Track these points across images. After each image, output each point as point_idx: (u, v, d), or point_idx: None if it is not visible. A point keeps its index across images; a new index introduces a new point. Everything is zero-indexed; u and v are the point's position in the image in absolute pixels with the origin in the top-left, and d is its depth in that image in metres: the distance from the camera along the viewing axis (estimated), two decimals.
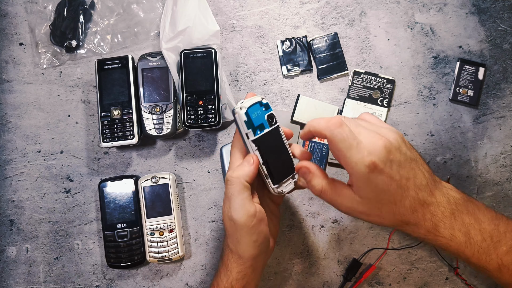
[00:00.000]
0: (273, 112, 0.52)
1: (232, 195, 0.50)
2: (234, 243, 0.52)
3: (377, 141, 0.45)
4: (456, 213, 0.47)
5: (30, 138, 0.70)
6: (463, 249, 0.47)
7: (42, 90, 0.70)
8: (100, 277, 0.68)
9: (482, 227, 0.47)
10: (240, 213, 0.50)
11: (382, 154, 0.44)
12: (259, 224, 0.51)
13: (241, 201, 0.50)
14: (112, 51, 0.70)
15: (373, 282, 0.67)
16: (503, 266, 0.46)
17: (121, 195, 0.66)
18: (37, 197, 0.69)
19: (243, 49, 0.70)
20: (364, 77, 0.68)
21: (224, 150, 0.67)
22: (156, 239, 0.65)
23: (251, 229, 0.50)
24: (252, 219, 0.50)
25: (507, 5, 0.68)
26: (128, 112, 0.65)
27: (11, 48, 0.70)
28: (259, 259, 0.54)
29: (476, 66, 0.67)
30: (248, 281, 0.53)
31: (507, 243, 0.46)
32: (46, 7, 0.70)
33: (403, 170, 0.45)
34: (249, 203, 0.50)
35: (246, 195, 0.50)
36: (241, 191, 0.50)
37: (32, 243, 0.69)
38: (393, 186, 0.45)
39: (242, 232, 0.50)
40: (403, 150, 0.46)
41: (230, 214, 0.50)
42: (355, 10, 0.69)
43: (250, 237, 0.51)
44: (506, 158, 0.67)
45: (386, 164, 0.44)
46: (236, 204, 0.50)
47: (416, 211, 0.46)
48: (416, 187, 0.46)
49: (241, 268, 0.53)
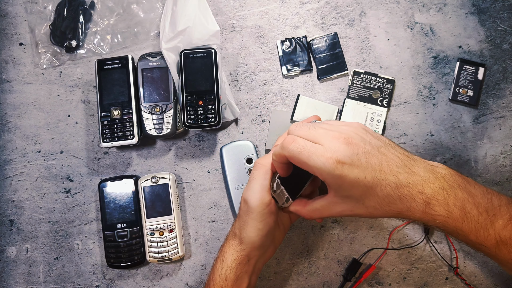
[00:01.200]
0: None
1: (254, 178, 0.53)
2: (241, 225, 0.54)
3: (337, 139, 0.45)
4: (447, 188, 0.45)
5: (30, 138, 0.70)
6: (461, 225, 0.45)
7: (42, 90, 0.70)
8: (100, 277, 0.68)
9: (476, 201, 0.45)
10: (255, 197, 0.52)
11: (345, 149, 0.44)
12: (269, 215, 0.53)
13: (260, 186, 0.53)
14: (112, 51, 0.70)
15: (373, 282, 0.67)
16: (501, 242, 0.45)
17: (121, 195, 0.66)
18: (37, 197, 0.69)
19: (243, 49, 0.70)
20: (364, 77, 0.68)
21: (224, 150, 0.67)
22: (156, 239, 0.65)
23: (260, 215, 0.52)
24: (264, 206, 0.52)
25: (507, 5, 0.68)
26: (128, 112, 0.65)
27: (11, 48, 0.71)
28: (256, 253, 0.55)
29: (476, 66, 0.67)
30: (242, 273, 0.54)
31: (502, 216, 0.45)
32: (46, 7, 0.70)
33: (372, 159, 0.45)
34: (267, 192, 0.53)
35: (266, 183, 0.53)
36: (262, 178, 0.53)
37: (32, 243, 0.69)
38: (367, 179, 0.44)
39: (251, 216, 0.53)
40: (367, 139, 0.46)
41: (246, 196, 0.53)
42: (355, 10, 0.69)
43: (257, 222, 0.53)
44: (506, 158, 0.67)
45: (352, 158, 0.44)
46: (254, 188, 0.53)
47: (403, 195, 0.44)
48: (393, 171, 0.45)
49: (237, 256, 0.54)
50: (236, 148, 0.67)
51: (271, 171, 0.54)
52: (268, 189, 0.53)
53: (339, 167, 0.44)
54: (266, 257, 0.58)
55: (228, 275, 0.54)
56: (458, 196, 0.45)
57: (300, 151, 0.45)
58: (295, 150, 0.46)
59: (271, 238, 0.55)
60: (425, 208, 0.44)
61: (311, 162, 0.45)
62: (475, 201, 0.45)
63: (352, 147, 0.45)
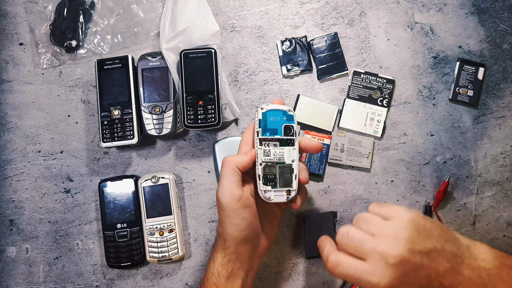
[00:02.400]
0: (295, 126, 0.55)
1: (221, 176, 0.54)
2: (220, 224, 0.55)
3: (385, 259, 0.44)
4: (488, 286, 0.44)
5: (30, 138, 0.70)
6: None
7: (42, 90, 0.70)
8: (100, 277, 0.68)
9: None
10: (225, 194, 0.53)
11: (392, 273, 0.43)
12: (243, 209, 0.53)
13: (228, 183, 0.53)
14: (112, 51, 0.70)
15: None
16: None
17: (121, 195, 0.66)
18: (37, 197, 0.69)
19: (243, 49, 0.70)
20: (364, 77, 0.68)
21: (216, 146, 0.67)
22: (156, 239, 0.65)
23: (234, 211, 0.52)
24: (235, 202, 0.52)
25: (507, 5, 0.68)
26: (128, 112, 0.65)
27: (11, 48, 0.71)
28: (244, 248, 0.55)
29: (476, 66, 0.67)
30: (234, 270, 0.54)
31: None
32: (46, 7, 0.70)
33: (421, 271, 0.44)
34: (236, 187, 0.53)
35: (234, 179, 0.53)
36: (230, 174, 0.53)
37: (32, 243, 0.69)
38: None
39: (225, 213, 0.53)
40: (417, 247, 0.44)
41: (218, 194, 0.54)
42: (355, 10, 0.69)
43: (232, 219, 0.53)
44: (506, 158, 0.67)
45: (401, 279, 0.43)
46: (223, 185, 0.53)
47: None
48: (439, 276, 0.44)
49: (225, 253, 0.54)
50: (228, 144, 0.67)
51: (237, 167, 0.53)
52: (238, 184, 0.53)
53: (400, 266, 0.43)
54: (260, 250, 0.57)
55: (220, 272, 0.54)
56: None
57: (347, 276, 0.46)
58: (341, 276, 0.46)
59: (255, 231, 0.55)
60: None
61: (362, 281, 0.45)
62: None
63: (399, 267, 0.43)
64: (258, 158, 0.54)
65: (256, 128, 0.55)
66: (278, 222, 0.60)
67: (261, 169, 0.54)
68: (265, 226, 0.57)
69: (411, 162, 0.68)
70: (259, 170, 0.54)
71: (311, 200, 0.68)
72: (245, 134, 0.57)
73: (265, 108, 0.55)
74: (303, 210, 0.68)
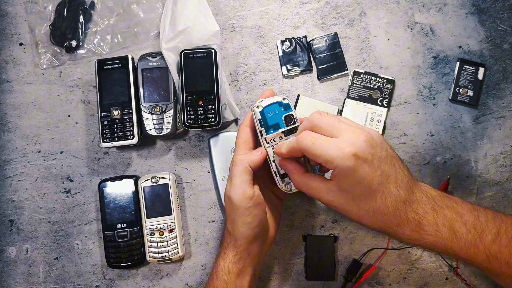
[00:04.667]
0: (294, 113, 0.54)
1: (233, 175, 0.53)
2: (231, 223, 0.54)
3: (359, 134, 0.46)
4: (436, 209, 0.47)
5: (30, 138, 0.70)
6: (450, 245, 0.47)
7: (42, 90, 0.70)
8: (100, 277, 0.68)
9: (464, 219, 0.47)
10: (238, 193, 0.52)
11: (364, 146, 0.45)
12: (255, 207, 0.53)
13: (241, 182, 0.52)
14: (112, 51, 0.70)
15: (373, 282, 0.67)
16: (491, 256, 0.46)
17: (121, 195, 0.66)
18: (37, 197, 0.69)
19: (243, 49, 0.70)
20: (364, 77, 0.68)
21: (211, 141, 0.67)
22: (156, 239, 0.65)
23: (246, 210, 0.52)
24: (248, 201, 0.52)
25: (507, 5, 0.68)
26: (128, 112, 0.65)
27: (11, 48, 0.71)
28: (255, 245, 0.55)
29: (476, 66, 0.67)
30: (245, 266, 0.55)
31: (490, 231, 0.46)
32: (46, 7, 0.70)
33: (384, 166, 0.46)
34: (248, 185, 0.53)
35: (246, 177, 0.53)
36: (242, 173, 0.52)
37: (32, 243, 0.69)
38: (374, 181, 0.45)
39: (238, 212, 0.53)
40: (385, 146, 0.47)
41: (229, 193, 0.53)
42: (355, 10, 0.69)
43: (245, 218, 0.53)
44: (506, 158, 0.67)
45: (368, 156, 0.45)
46: (236, 184, 0.52)
47: (398, 210, 0.46)
48: (397, 185, 0.46)
49: (237, 251, 0.54)
50: (223, 139, 0.67)
51: (252, 166, 0.54)
52: (250, 183, 0.53)
53: (353, 159, 0.44)
54: (267, 244, 0.58)
55: (231, 269, 0.54)
56: (446, 216, 0.47)
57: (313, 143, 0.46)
58: (308, 143, 0.47)
59: (265, 226, 0.56)
60: (416, 227, 0.47)
61: (323, 152, 0.45)
62: (463, 219, 0.47)
63: (371, 146, 0.45)
64: (270, 156, 0.54)
65: (258, 128, 0.54)
66: (280, 213, 0.61)
67: (275, 166, 0.54)
68: (270, 218, 0.58)
69: (411, 162, 0.68)
70: (273, 167, 0.54)
71: (311, 199, 0.68)
72: (241, 132, 0.56)
73: (261, 105, 0.54)
74: (304, 227, 0.68)
